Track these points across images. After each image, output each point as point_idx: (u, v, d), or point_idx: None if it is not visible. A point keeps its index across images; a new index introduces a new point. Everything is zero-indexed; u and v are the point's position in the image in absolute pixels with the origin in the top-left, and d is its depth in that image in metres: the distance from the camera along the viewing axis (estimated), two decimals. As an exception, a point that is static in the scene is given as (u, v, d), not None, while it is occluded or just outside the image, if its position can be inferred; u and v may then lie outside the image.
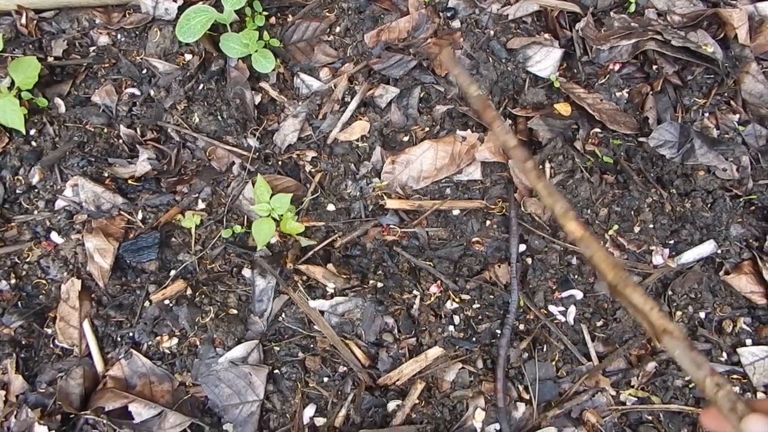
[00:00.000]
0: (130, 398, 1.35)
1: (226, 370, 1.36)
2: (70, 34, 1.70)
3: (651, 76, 1.60)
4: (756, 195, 1.47)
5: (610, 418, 1.30)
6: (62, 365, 1.39)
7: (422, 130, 1.57)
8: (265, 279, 1.43)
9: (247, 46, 1.57)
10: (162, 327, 1.41)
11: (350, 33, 1.65)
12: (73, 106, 1.62)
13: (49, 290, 1.46)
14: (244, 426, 1.32)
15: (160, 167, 1.55)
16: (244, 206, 1.51)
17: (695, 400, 1.33)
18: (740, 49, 1.59)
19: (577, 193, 1.47)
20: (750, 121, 1.55)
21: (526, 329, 1.38)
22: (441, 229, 1.48)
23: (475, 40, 1.64)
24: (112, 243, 1.47)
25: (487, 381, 1.33)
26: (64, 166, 1.55)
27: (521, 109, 1.58)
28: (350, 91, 1.59)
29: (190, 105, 1.59)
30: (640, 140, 1.53)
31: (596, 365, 1.34)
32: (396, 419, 1.30)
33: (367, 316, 1.38)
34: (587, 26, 1.64)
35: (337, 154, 1.55)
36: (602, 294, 1.40)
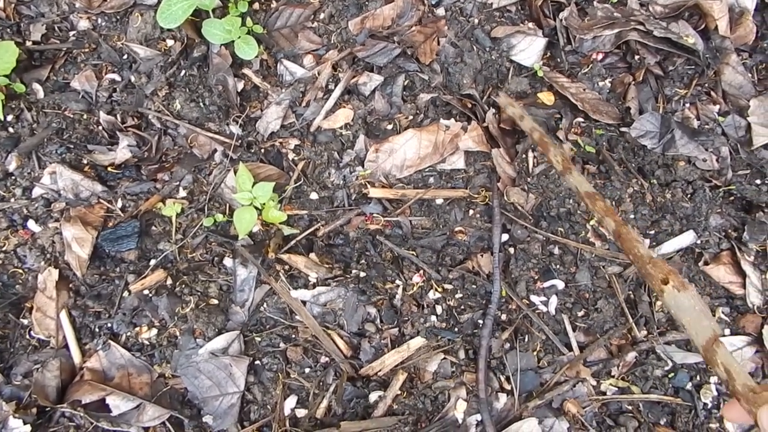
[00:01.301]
0: (107, 390, 1.23)
1: (206, 362, 1.24)
2: (49, 18, 1.54)
3: (633, 66, 1.50)
4: (735, 185, 1.38)
5: (591, 408, 1.22)
6: (38, 357, 1.27)
7: (406, 118, 1.45)
8: (247, 268, 1.31)
9: (229, 32, 1.43)
10: (141, 317, 1.29)
11: (334, 20, 1.52)
12: (52, 91, 1.48)
13: (26, 280, 1.33)
14: (224, 418, 1.22)
15: (140, 154, 1.41)
16: (225, 194, 1.39)
17: (674, 390, 1.25)
18: (721, 40, 1.49)
19: (560, 183, 1.36)
20: (730, 112, 1.45)
21: (508, 319, 1.28)
22: (424, 218, 1.37)
23: (460, 29, 1.52)
24: (91, 232, 1.35)
25: (469, 371, 1.23)
26: (42, 153, 1.41)
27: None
28: (334, 79, 1.47)
29: (171, 91, 1.45)
30: (622, 130, 1.43)
31: (577, 355, 1.25)
32: (378, 410, 1.20)
33: (349, 306, 1.28)
34: (571, 15, 1.53)
35: (320, 142, 1.43)
36: (583, 284, 1.30)
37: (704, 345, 0.61)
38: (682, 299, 0.63)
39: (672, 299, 0.63)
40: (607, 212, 0.83)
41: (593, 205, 0.84)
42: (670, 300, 0.64)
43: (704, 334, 0.61)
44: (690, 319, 0.62)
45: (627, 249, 0.71)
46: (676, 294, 0.64)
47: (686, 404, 1.24)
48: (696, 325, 0.62)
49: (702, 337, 0.61)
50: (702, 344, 0.61)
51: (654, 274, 0.66)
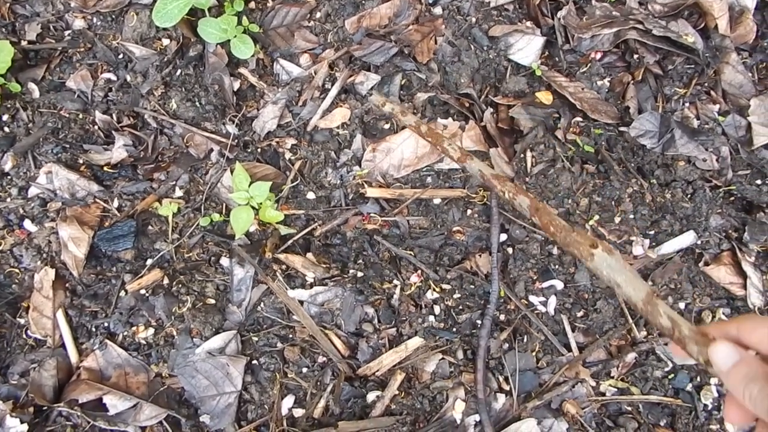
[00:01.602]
0: (104, 390, 1.21)
1: (203, 361, 1.22)
2: (44, 17, 1.51)
3: (632, 65, 1.47)
4: (735, 186, 1.36)
5: (590, 408, 1.19)
6: (35, 356, 1.25)
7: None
8: (244, 268, 1.29)
9: (225, 31, 1.40)
10: (138, 317, 1.27)
11: (331, 19, 1.49)
12: (48, 91, 1.45)
13: (22, 279, 1.30)
14: (221, 417, 1.19)
15: (136, 154, 1.39)
16: (222, 194, 1.36)
17: (674, 391, 1.22)
18: (720, 39, 1.47)
19: (558, 183, 1.34)
20: (730, 112, 1.42)
21: (506, 320, 1.26)
22: (422, 218, 1.34)
23: (457, 27, 1.49)
24: (87, 231, 1.32)
25: (468, 372, 1.21)
26: (38, 153, 1.39)
27: (503, 98, 1.44)
28: (331, 78, 1.44)
29: (167, 91, 1.42)
30: (621, 130, 1.40)
31: (576, 356, 1.22)
32: (375, 410, 1.18)
33: (346, 306, 1.25)
34: (569, 14, 1.50)
35: (317, 142, 1.40)
36: (582, 284, 1.28)
37: (644, 299, 0.59)
38: (613, 261, 0.62)
39: (604, 261, 0.62)
40: (518, 191, 0.82)
41: (502, 185, 0.83)
42: (602, 262, 0.62)
43: (642, 289, 0.59)
44: (625, 278, 0.60)
45: (545, 224, 0.69)
46: (606, 256, 0.63)
47: (686, 405, 1.21)
48: (632, 282, 0.60)
49: (640, 292, 0.59)
50: (642, 298, 0.59)
51: (581, 241, 0.64)
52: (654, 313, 0.58)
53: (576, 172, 1.35)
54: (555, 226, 0.67)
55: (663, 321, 0.58)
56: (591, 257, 0.63)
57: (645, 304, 0.59)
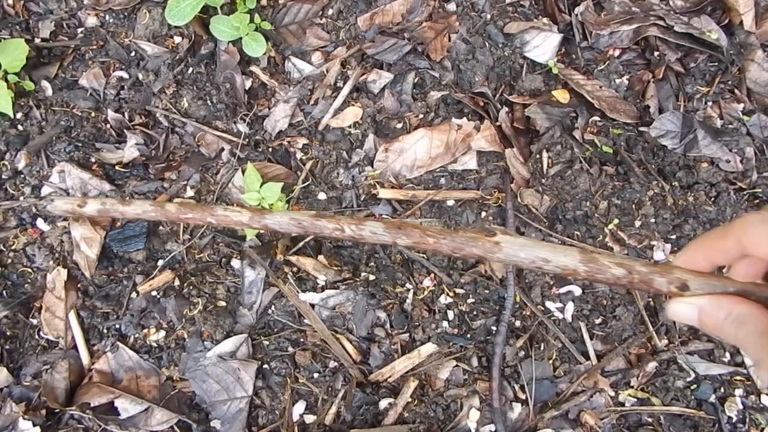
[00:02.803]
0: (116, 393, 1.12)
1: (215, 365, 1.12)
2: (57, 14, 1.40)
3: (652, 62, 1.33)
4: (760, 188, 1.22)
5: (609, 419, 1.08)
6: (47, 357, 1.16)
7: (416, 117, 1.30)
8: (255, 270, 1.18)
9: (237, 29, 1.28)
10: (149, 319, 1.17)
11: (343, 16, 1.36)
12: (60, 89, 1.34)
13: (35, 279, 1.21)
14: (232, 423, 1.10)
15: (148, 153, 1.28)
16: (233, 194, 1.25)
17: (697, 402, 1.10)
18: (745, 35, 1.32)
19: (576, 185, 1.21)
20: (755, 111, 1.28)
21: (522, 326, 1.14)
22: (435, 220, 1.22)
23: (471, 24, 1.35)
24: (99, 232, 1.22)
25: (482, 380, 1.10)
26: (51, 152, 1.28)
27: (518, 96, 1.31)
28: (343, 76, 1.31)
29: (179, 89, 1.31)
30: (640, 130, 1.27)
31: (594, 365, 1.10)
32: (388, 418, 1.07)
33: (358, 310, 1.14)
34: (587, 10, 1.36)
35: (328, 141, 1.28)
36: (601, 290, 1.15)
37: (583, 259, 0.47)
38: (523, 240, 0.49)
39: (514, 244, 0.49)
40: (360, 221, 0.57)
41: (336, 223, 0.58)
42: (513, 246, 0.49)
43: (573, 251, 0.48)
44: (549, 249, 0.48)
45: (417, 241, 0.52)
46: (513, 238, 0.49)
47: (709, 417, 1.09)
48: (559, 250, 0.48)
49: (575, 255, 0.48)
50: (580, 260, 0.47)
51: (475, 236, 0.50)
52: (601, 269, 0.47)
53: (594, 174, 1.22)
54: (432, 235, 0.52)
55: (615, 272, 0.46)
56: (497, 246, 0.49)
57: (586, 263, 0.47)
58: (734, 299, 0.41)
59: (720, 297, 0.42)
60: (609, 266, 0.46)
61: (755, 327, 0.39)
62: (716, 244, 0.42)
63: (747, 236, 0.39)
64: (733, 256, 0.41)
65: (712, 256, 0.42)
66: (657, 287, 0.45)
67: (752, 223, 0.38)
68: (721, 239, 0.41)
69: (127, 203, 0.53)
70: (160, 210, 0.55)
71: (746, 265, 0.42)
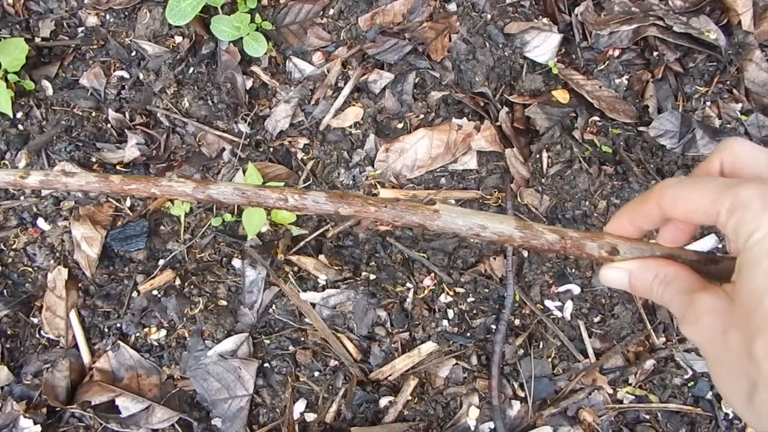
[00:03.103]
0: (117, 392, 1.14)
1: (215, 364, 1.15)
2: (58, 14, 1.43)
3: (651, 62, 1.35)
4: (758, 187, 1.25)
5: (607, 416, 1.10)
6: (48, 356, 1.18)
7: (417, 117, 1.33)
8: (256, 270, 1.21)
9: (238, 29, 1.31)
10: (150, 318, 1.19)
11: (344, 16, 1.39)
12: (61, 88, 1.37)
13: (36, 278, 1.23)
14: (233, 421, 1.12)
15: (149, 153, 1.30)
16: (234, 194, 1.27)
17: (694, 399, 1.13)
18: (744, 35, 1.35)
19: (575, 184, 1.24)
20: (753, 111, 1.31)
21: (521, 324, 1.16)
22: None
23: (472, 25, 1.38)
24: (100, 231, 1.24)
25: (482, 378, 1.12)
26: (51, 151, 1.31)
27: (518, 96, 1.33)
28: (343, 76, 1.34)
29: (180, 89, 1.34)
30: (639, 129, 1.29)
31: (593, 362, 1.13)
32: (388, 416, 1.10)
33: (359, 309, 1.17)
34: (587, 10, 1.39)
35: (329, 141, 1.31)
36: (599, 289, 1.18)
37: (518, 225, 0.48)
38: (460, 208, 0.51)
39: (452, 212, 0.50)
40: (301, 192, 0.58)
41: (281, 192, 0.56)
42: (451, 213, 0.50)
43: (509, 218, 0.49)
44: (485, 217, 0.49)
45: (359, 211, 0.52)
46: (451, 207, 0.51)
47: (706, 414, 1.12)
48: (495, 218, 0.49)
49: (510, 222, 0.49)
50: (515, 226, 0.48)
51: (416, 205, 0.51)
52: (536, 235, 0.48)
53: (594, 173, 1.24)
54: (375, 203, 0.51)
55: (549, 237, 0.48)
56: (436, 214, 0.50)
57: (521, 230, 0.48)
58: (662, 261, 0.43)
59: (648, 260, 0.43)
60: (543, 232, 0.48)
61: (680, 285, 0.40)
62: (640, 210, 0.43)
63: (663, 199, 0.40)
64: (656, 220, 0.42)
65: (637, 221, 0.44)
66: (588, 251, 0.46)
67: (668, 186, 0.40)
68: (643, 204, 0.42)
69: (71, 175, 0.54)
70: (103, 182, 0.55)
71: (672, 229, 0.44)
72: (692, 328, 0.38)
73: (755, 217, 0.34)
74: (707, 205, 0.37)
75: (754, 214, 0.34)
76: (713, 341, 0.36)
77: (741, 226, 0.34)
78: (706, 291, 0.38)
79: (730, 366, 0.35)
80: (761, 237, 0.33)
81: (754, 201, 0.34)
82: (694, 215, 0.38)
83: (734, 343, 0.34)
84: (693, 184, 0.38)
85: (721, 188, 0.36)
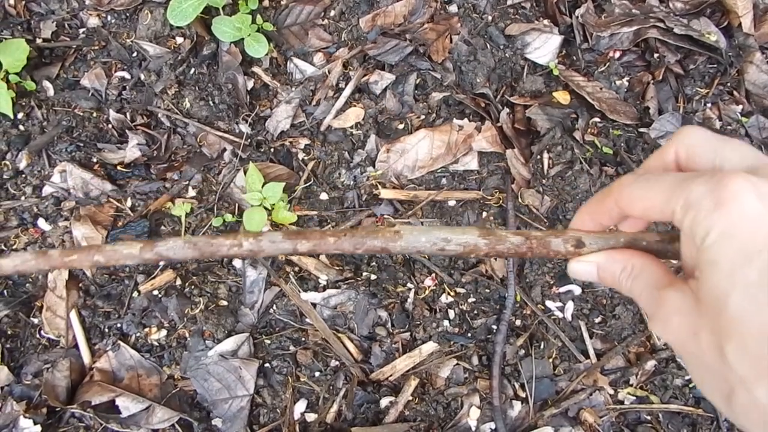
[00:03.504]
0: (117, 392, 1.17)
1: (216, 364, 1.17)
2: (59, 15, 1.46)
3: (652, 64, 1.39)
4: (759, 188, 1.28)
5: (608, 417, 1.13)
6: (48, 356, 1.20)
7: (418, 117, 1.36)
8: (256, 270, 1.23)
9: (239, 29, 1.34)
10: (150, 318, 1.22)
11: (345, 17, 1.42)
12: (62, 89, 1.40)
13: (36, 279, 1.26)
14: (233, 421, 1.15)
15: (150, 153, 1.34)
16: (235, 194, 1.30)
17: (695, 400, 1.16)
18: (744, 38, 1.38)
19: (576, 185, 1.27)
20: (753, 112, 1.34)
21: (522, 325, 1.19)
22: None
23: (473, 26, 1.42)
24: (101, 231, 1.27)
25: (483, 378, 1.15)
26: (52, 151, 1.34)
27: (519, 97, 1.37)
28: (344, 77, 1.38)
29: (181, 89, 1.37)
30: (640, 131, 1.33)
31: (594, 363, 1.16)
32: (389, 416, 1.13)
33: (360, 309, 1.20)
34: (587, 12, 1.42)
35: (330, 142, 1.34)
36: (601, 289, 1.21)
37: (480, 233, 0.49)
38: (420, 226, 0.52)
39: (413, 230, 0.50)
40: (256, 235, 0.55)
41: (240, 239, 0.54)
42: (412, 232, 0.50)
43: (471, 229, 0.49)
44: (448, 230, 0.50)
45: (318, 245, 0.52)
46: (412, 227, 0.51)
47: (707, 415, 1.14)
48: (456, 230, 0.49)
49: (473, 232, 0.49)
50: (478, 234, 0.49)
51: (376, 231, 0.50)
52: (500, 240, 0.48)
53: (594, 174, 1.28)
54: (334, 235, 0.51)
55: (513, 240, 0.48)
56: (397, 235, 0.50)
57: (485, 236, 0.48)
58: (629, 253, 0.43)
59: (615, 252, 0.44)
60: (507, 236, 0.48)
61: (649, 279, 0.41)
62: (599, 207, 0.44)
63: (621, 198, 0.41)
64: (616, 216, 0.44)
65: (598, 218, 0.44)
66: (555, 248, 0.46)
67: (626, 184, 0.41)
68: (602, 202, 0.43)
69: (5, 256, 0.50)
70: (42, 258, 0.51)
71: (631, 225, 0.46)
72: (663, 328, 0.38)
73: (707, 216, 0.34)
74: (662, 203, 0.37)
75: (706, 212, 0.34)
76: (686, 343, 0.36)
77: (695, 226, 0.35)
78: (673, 288, 0.38)
79: (707, 367, 0.35)
80: (716, 238, 0.34)
81: (706, 198, 0.34)
82: (650, 213, 0.39)
83: (706, 346, 0.34)
84: (647, 182, 0.39)
85: (674, 185, 0.37)
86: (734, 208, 0.33)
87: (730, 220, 0.33)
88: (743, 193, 0.33)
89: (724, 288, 0.33)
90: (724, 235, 0.33)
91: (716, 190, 0.34)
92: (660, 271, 0.41)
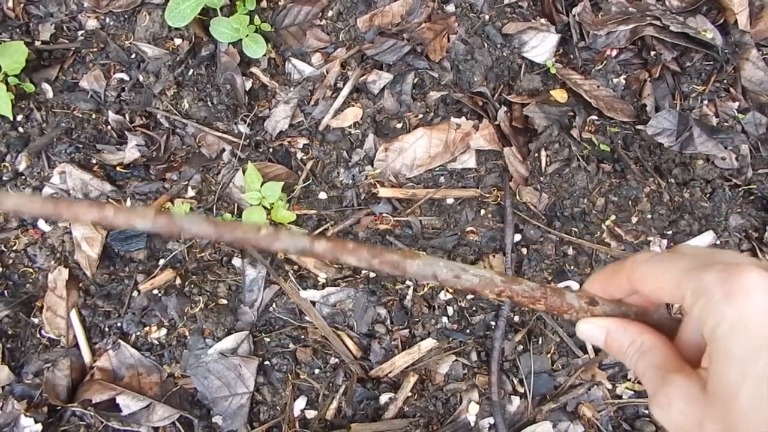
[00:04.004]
0: (117, 390, 1.21)
1: (216, 362, 1.22)
2: (57, 17, 1.52)
3: (649, 62, 1.44)
4: (755, 185, 1.33)
5: (606, 412, 1.17)
6: (49, 356, 1.25)
7: (416, 116, 1.41)
8: (256, 268, 1.28)
9: (237, 30, 1.40)
10: (150, 317, 1.27)
11: (343, 17, 1.48)
12: (61, 91, 1.45)
13: (36, 279, 1.31)
14: (233, 419, 1.19)
15: (149, 154, 1.38)
16: (234, 194, 1.35)
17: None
18: (740, 35, 1.43)
19: (574, 183, 1.32)
20: (749, 109, 1.39)
21: (521, 321, 1.24)
22: (435, 218, 1.33)
23: (470, 25, 1.47)
24: (100, 231, 1.32)
25: (482, 374, 1.19)
26: (52, 153, 1.39)
27: (517, 96, 1.42)
28: (342, 77, 1.43)
29: (179, 90, 1.42)
30: (637, 128, 1.37)
31: (592, 358, 1.20)
32: (388, 412, 1.17)
33: (359, 307, 1.24)
34: (584, 11, 1.47)
35: (329, 141, 1.39)
36: (598, 285, 1.25)
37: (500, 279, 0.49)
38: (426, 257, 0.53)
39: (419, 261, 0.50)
40: None
41: None
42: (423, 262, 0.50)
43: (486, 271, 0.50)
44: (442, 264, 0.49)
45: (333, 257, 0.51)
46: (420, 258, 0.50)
47: (704, 409, 1.18)
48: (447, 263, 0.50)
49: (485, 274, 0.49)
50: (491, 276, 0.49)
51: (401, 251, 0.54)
52: (517, 282, 0.50)
53: (592, 172, 1.32)
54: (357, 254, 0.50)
55: (529, 284, 0.50)
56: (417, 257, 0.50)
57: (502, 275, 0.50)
58: (640, 327, 0.45)
59: (627, 323, 0.45)
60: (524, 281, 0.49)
61: (655, 359, 0.42)
62: (611, 280, 0.46)
63: (634, 274, 0.43)
64: (626, 290, 0.46)
65: (609, 289, 0.47)
66: (569, 301, 0.48)
67: (639, 262, 0.43)
68: (615, 275, 0.46)
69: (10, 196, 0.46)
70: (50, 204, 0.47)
71: (641, 300, 0.47)
72: (664, 412, 0.39)
73: (717, 307, 0.35)
74: (673, 286, 0.39)
75: (716, 302, 0.35)
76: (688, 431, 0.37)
77: (705, 314, 0.36)
78: (680, 374, 0.39)
79: None
80: (727, 330, 0.35)
81: (717, 287, 0.35)
82: (660, 294, 0.41)
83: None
84: (661, 262, 0.41)
85: (687, 270, 0.38)
86: (746, 301, 0.34)
87: (742, 312, 0.34)
88: (755, 286, 0.35)
89: (735, 380, 0.34)
90: (736, 327, 0.34)
91: (729, 280, 0.35)
92: (669, 353, 0.42)
